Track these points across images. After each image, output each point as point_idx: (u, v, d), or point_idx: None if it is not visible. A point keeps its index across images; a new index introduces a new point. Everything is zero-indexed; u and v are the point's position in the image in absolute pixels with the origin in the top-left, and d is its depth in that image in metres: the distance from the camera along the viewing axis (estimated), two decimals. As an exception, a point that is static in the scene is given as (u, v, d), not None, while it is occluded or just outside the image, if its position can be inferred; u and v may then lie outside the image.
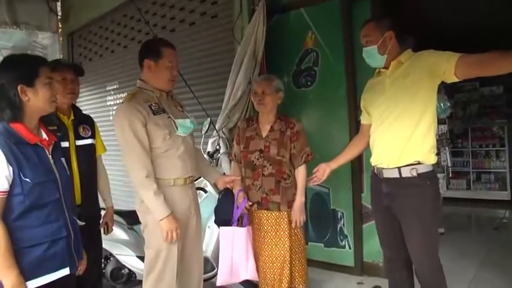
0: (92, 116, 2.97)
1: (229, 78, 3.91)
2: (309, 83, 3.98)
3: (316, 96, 3.96)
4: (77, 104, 2.92)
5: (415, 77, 2.24)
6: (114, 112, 6.16)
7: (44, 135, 1.91)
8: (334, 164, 2.69)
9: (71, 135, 2.71)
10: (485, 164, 6.77)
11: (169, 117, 2.51)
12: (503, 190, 6.59)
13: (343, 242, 3.89)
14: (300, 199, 2.90)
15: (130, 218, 3.52)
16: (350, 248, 3.85)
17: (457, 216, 6.11)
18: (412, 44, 4.31)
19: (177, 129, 2.50)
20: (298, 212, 2.88)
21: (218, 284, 2.97)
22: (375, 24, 2.38)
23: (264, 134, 2.94)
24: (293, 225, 2.88)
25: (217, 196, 3.37)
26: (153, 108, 2.45)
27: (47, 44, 7.25)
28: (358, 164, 3.67)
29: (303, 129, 2.98)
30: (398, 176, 2.31)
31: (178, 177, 2.53)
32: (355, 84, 3.67)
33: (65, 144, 2.63)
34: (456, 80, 2.15)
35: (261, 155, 2.90)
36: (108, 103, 6.35)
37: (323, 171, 2.65)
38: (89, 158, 2.82)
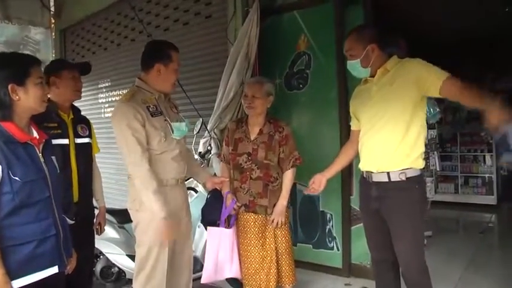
0: (83, 113, 3.00)
1: (222, 79, 3.92)
2: (301, 86, 4.02)
3: (308, 99, 4.00)
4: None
5: (400, 84, 2.29)
6: (105, 110, 6.17)
7: (35, 134, 1.92)
8: (328, 173, 2.71)
9: (71, 133, 2.75)
10: (473, 169, 6.85)
11: (165, 119, 2.53)
12: (489, 194, 6.68)
13: (332, 244, 3.93)
14: (282, 202, 2.92)
15: (121, 217, 3.53)
16: (338, 250, 3.88)
17: (445, 220, 6.17)
18: (404, 47, 4.38)
19: (172, 132, 2.53)
20: (278, 214, 2.90)
21: (203, 281, 3.03)
22: (357, 37, 2.40)
23: (253, 137, 2.96)
24: (274, 225, 2.90)
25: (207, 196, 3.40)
26: (150, 109, 2.48)
27: (40, 39, 7.21)
28: (348, 167, 3.66)
29: (291, 133, 3.00)
30: (387, 180, 2.35)
31: (172, 178, 2.57)
32: (346, 87, 3.70)
33: (64, 141, 2.69)
34: (438, 96, 2.22)
35: (249, 158, 2.92)
36: (100, 101, 6.34)
37: (319, 182, 2.67)
38: (86, 156, 2.86)
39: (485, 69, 7.88)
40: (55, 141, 2.59)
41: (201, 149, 3.83)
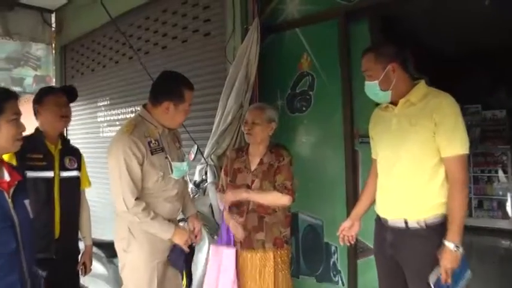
0: (81, 132, 2.85)
1: (220, 101, 3.71)
2: (304, 108, 3.76)
3: (311, 122, 3.74)
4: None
5: (423, 127, 2.03)
6: (104, 129, 5.98)
7: (6, 175, 1.71)
8: (359, 214, 2.48)
9: (57, 165, 2.60)
10: (488, 190, 6.52)
11: (166, 157, 2.35)
12: (505, 218, 6.32)
13: (336, 278, 3.65)
14: (246, 194, 2.68)
15: (110, 250, 3.27)
16: (343, 284, 3.60)
17: (458, 245, 5.83)
18: (412, 62, 4.14)
19: (172, 172, 2.35)
20: (229, 193, 2.71)
21: None
22: (375, 55, 2.13)
23: (253, 168, 2.74)
24: None
25: (202, 228, 3.17)
26: (152, 145, 2.30)
27: (41, 55, 7.14)
28: (353, 195, 3.44)
29: (289, 163, 2.75)
30: (404, 226, 2.11)
31: (164, 218, 2.38)
32: (352, 109, 3.45)
33: (49, 174, 2.55)
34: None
35: (247, 190, 2.69)
36: (99, 119, 6.13)
37: (350, 227, 2.47)
38: (72, 191, 2.71)
39: (497, 81, 7.63)
40: (39, 174, 2.50)
41: (196, 177, 3.60)
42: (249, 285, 2.68)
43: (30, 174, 2.42)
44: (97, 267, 3.28)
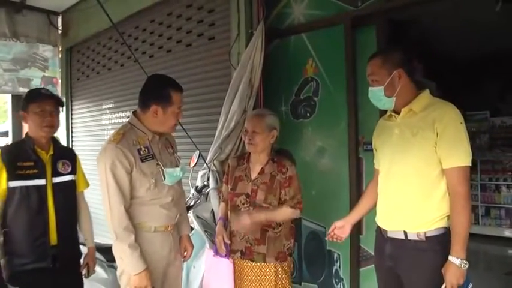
0: (85, 134, 2.79)
1: (223, 106, 3.67)
2: (308, 114, 3.72)
3: (315, 128, 3.70)
4: (72, 121, 2.75)
5: (424, 137, 1.99)
6: (108, 132, 5.95)
7: None
8: (352, 219, 2.45)
9: (49, 171, 2.54)
10: (495, 198, 6.41)
11: (158, 164, 2.31)
12: (514, 227, 6.21)
13: (339, 286, 3.59)
14: (259, 216, 2.52)
15: (110, 254, 3.24)
16: (346, 293, 3.56)
17: (464, 253, 5.70)
18: (420, 72, 4.07)
19: (164, 178, 2.31)
20: (243, 222, 2.52)
21: None
22: (382, 60, 2.09)
23: (253, 176, 2.67)
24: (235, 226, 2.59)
25: (203, 234, 3.14)
26: (141, 153, 2.27)
27: (48, 56, 7.15)
28: (357, 202, 3.39)
29: (296, 174, 2.67)
30: (403, 237, 2.06)
31: (160, 225, 2.36)
32: (357, 116, 3.41)
33: (41, 182, 2.49)
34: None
35: (247, 199, 2.62)
36: (103, 122, 6.13)
37: (342, 229, 2.42)
38: (67, 196, 2.65)
39: (508, 88, 7.50)
40: (30, 183, 2.44)
41: (198, 182, 3.56)
42: (249, 293, 2.62)
43: (22, 183, 2.40)
44: (97, 271, 3.24)
